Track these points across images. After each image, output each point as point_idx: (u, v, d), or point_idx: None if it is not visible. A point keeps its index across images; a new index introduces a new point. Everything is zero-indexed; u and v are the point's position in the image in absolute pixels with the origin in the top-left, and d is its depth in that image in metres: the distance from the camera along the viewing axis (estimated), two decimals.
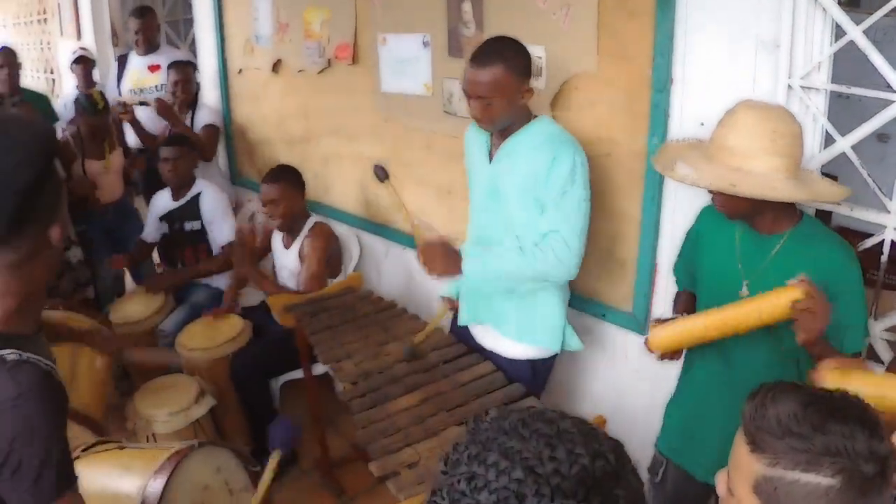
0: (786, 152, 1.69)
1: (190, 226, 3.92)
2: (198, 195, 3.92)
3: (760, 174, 1.68)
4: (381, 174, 2.64)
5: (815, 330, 1.60)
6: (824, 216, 2.25)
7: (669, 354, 1.95)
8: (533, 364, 2.52)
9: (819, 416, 1.07)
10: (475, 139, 2.50)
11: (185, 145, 3.93)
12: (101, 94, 4.25)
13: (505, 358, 2.54)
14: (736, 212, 1.77)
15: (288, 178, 3.45)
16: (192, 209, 3.92)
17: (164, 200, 4.02)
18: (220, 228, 3.91)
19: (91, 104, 4.10)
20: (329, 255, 3.49)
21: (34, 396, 1.34)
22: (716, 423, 1.98)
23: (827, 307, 1.59)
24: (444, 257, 2.36)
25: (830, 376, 1.69)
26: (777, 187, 1.65)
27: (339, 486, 3.42)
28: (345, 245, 3.85)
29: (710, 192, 1.81)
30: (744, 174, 1.68)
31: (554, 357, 2.58)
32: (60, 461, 1.37)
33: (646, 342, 1.90)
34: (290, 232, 3.53)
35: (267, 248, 3.76)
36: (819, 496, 1.04)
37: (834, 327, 1.70)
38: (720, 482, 1.22)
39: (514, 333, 2.50)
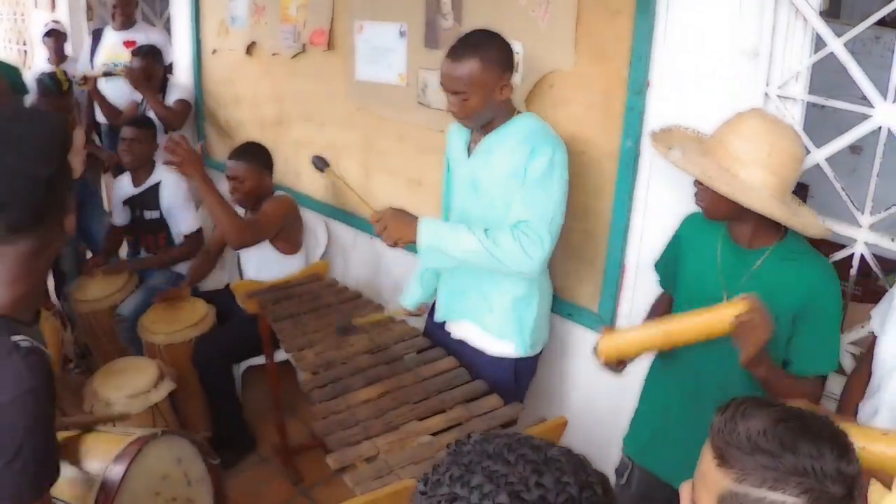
0: (778, 171, 1.67)
1: (149, 214, 3.86)
2: (157, 184, 3.85)
3: (747, 181, 1.67)
4: (320, 164, 2.57)
5: (755, 346, 1.60)
6: None
7: (614, 363, 1.92)
8: (516, 363, 2.48)
9: (789, 434, 1.06)
10: (456, 134, 2.47)
11: (146, 128, 3.86)
12: (65, 74, 4.16)
13: (488, 356, 2.49)
14: (715, 210, 1.76)
15: (255, 156, 3.40)
16: (151, 197, 3.85)
17: (125, 185, 3.95)
18: (180, 219, 3.85)
19: (55, 84, 4.02)
20: (284, 225, 3.40)
21: (47, 388, 1.36)
22: (682, 425, 1.98)
23: (768, 323, 1.59)
24: (400, 222, 2.30)
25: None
26: (753, 196, 1.64)
27: (298, 474, 3.40)
28: (312, 232, 3.81)
29: (695, 185, 1.79)
30: (730, 176, 1.67)
31: (537, 357, 2.55)
32: (50, 461, 1.39)
33: (593, 349, 1.89)
34: (254, 210, 3.47)
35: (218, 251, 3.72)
36: None
37: (806, 347, 1.71)
38: (684, 493, 1.21)
39: (497, 330, 2.45)
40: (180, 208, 3.84)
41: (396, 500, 1.89)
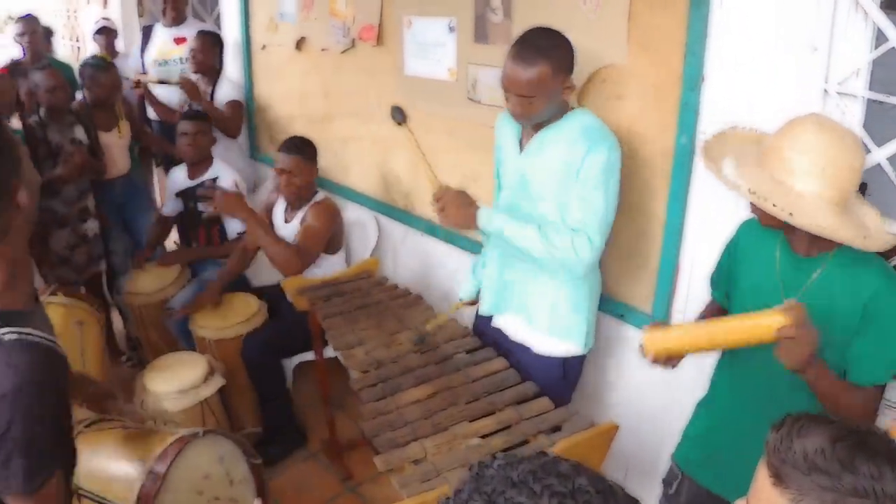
0: (835, 182, 1.59)
1: (204, 208, 3.87)
2: (215, 179, 3.86)
3: (803, 196, 1.59)
4: (399, 116, 2.56)
5: (797, 360, 1.56)
6: None
7: (663, 360, 1.86)
8: (564, 362, 2.45)
9: (848, 453, 1.01)
10: (506, 128, 2.43)
11: (204, 121, 3.89)
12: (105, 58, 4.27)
13: (535, 354, 2.46)
14: (770, 221, 1.69)
15: (306, 151, 3.40)
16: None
17: (180, 177, 3.98)
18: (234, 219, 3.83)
19: (98, 60, 4.16)
20: (332, 234, 3.43)
21: (34, 383, 1.32)
22: (743, 439, 1.89)
23: (812, 338, 1.54)
24: (460, 207, 2.30)
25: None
26: (805, 212, 1.57)
27: (346, 471, 3.42)
28: (362, 228, 3.81)
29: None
30: (783, 191, 1.60)
31: (584, 356, 2.51)
32: (47, 450, 1.36)
33: (640, 345, 1.82)
34: (294, 206, 3.48)
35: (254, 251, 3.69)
36: None
37: (864, 355, 1.64)
38: None
39: (545, 327, 2.42)
40: None
41: None
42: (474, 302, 2.72)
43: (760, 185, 1.62)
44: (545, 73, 2.10)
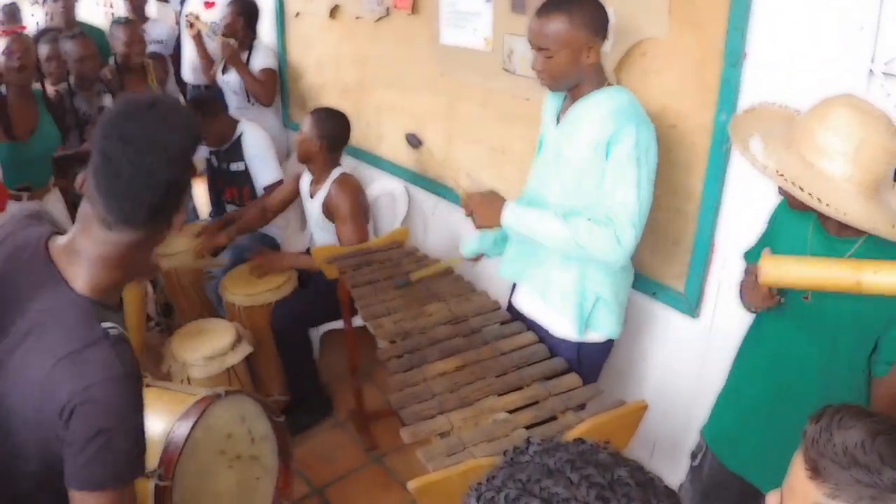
0: (866, 166, 1.54)
1: (235, 166, 3.88)
2: (240, 136, 3.87)
3: (833, 180, 1.54)
4: (414, 142, 2.57)
5: None
6: None
7: (766, 300, 1.77)
8: (579, 346, 2.40)
9: (889, 447, 0.99)
10: (550, 101, 2.40)
11: (212, 115, 3.80)
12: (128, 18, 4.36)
13: (554, 337, 2.43)
14: (796, 205, 1.64)
15: (320, 119, 3.37)
16: (236, 150, 3.88)
17: (202, 150, 3.98)
18: (262, 169, 3.85)
19: (119, 19, 4.24)
20: (361, 207, 3.43)
21: (133, 377, 1.39)
22: (764, 420, 1.90)
23: None
24: (487, 207, 2.30)
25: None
26: (851, 210, 1.52)
27: (372, 440, 3.44)
28: (393, 198, 3.80)
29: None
30: (815, 174, 1.55)
31: (609, 344, 2.47)
32: (132, 456, 1.39)
33: (751, 269, 1.75)
34: (315, 179, 3.47)
35: (295, 193, 3.70)
36: None
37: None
38: (771, 502, 1.15)
39: (564, 312, 2.37)
40: (262, 158, 3.85)
41: (468, 478, 1.85)
42: (475, 259, 2.72)
43: (789, 166, 1.57)
44: (563, 25, 2.09)
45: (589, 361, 2.45)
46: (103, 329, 1.36)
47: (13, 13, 5.36)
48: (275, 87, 4.54)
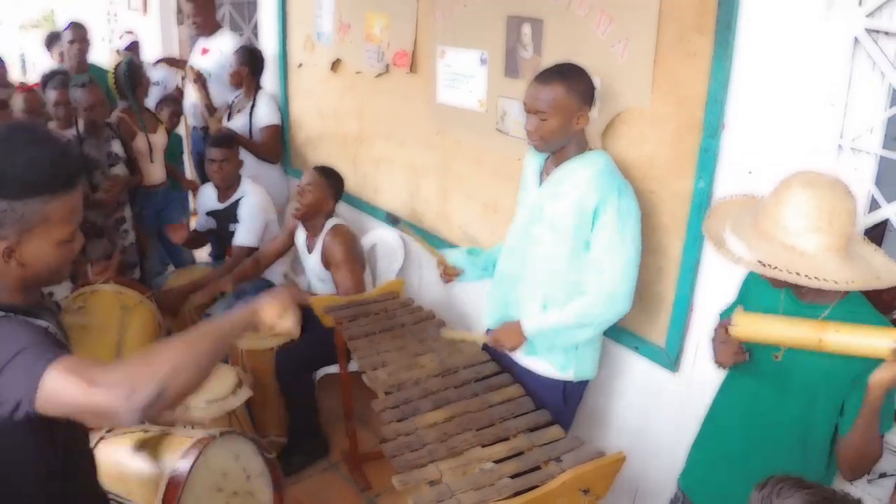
0: (840, 231, 1.66)
1: (233, 227, 4.01)
2: (240, 199, 3.99)
3: (815, 255, 1.66)
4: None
5: None
6: None
7: (741, 353, 1.91)
8: (565, 386, 2.58)
9: None
10: (532, 160, 2.57)
11: (230, 147, 3.98)
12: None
13: (538, 376, 2.59)
14: (780, 284, 1.75)
15: (329, 176, 3.52)
16: (234, 212, 4.00)
17: (210, 199, 4.12)
18: (242, 230, 3.94)
19: (130, 58, 4.38)
20: (356, 256, 3.56)
21: (9, 321, 1.47)
22: (738, 468, 2.00)
23: None
24: (508, 335, 2.57)
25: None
26: (833, 274, 1.63)
27: (366, 482, 3.51)
28: (389, 248, 3.91)
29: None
30: (799, 255, 1.66)
31: (586, 382, 2.64)
32: (48, 343, 1.46)
33: (724, 325, 1.85)
34: (311, 233, 3.60)
35: (288, 244, 3.84)
36: None
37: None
38: None
39: (547, 356, 2.55)
40: (245, 220, 3.94)
41: None
42: (451, 271, 2.82)
43: (771, 255, 1.68)
44: (560, 92, 2.27)
45: (572, 400, 2.64)
46: None
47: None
48: (278, 144, 4.64)
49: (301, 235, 3.68)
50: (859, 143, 2.01)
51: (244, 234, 3.93)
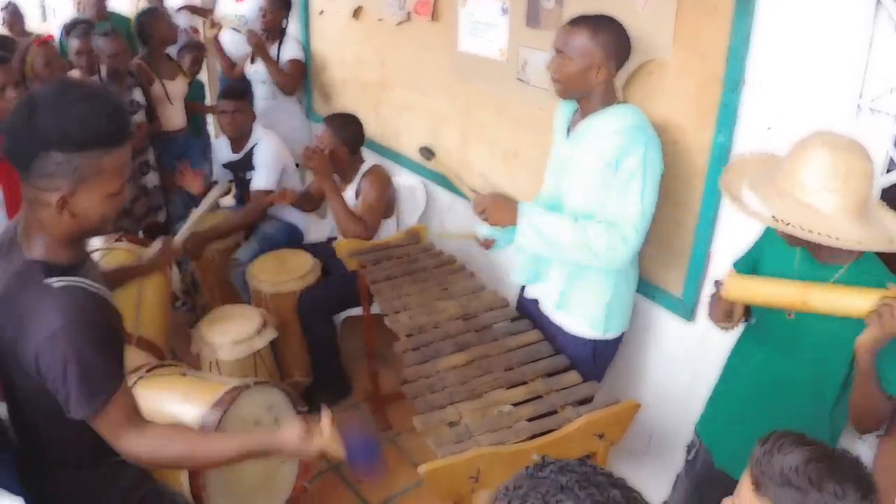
0: (857, 193, 1.69)
1: (250, 175, 4.06)
2: (255, 146, 4.04)
3: (830, 214, 1.69)
4: (427, 154, 2.71)
5: (885, 332, 1.64)
6: None
7: (728, 314, 2.01)
8: (595, 344, 2.61)
9: (818, 473, 1.17)
10: (561, 114, 2.59)
11: (242, 99, 4.02)
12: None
13: (566, 333, 2.62)
14: (796, 241, 1.78)
15: (338, 125, 3.57)
16: (250, 160, 4.05)
17: (224, 151, 4.17)
18: (259, 174, 3.98)
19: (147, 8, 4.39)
20: (387, 199, 3.63)
21: (81, 321, 1.55)
22: (745, 427, 2.06)
23: None
24: (500, 207, 2.47)
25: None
26: (846, 234, 1.66)
27: (386, 421, 3.64)
28: (411, 194, 3.96)
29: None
30: (814, 213, 1.69)
31: (617, 340, 2.67)
32: (108, 371, 1.60)
33: (718, 284, 1.94)
34: (344, 178, 3.66)
35: (322, 198, 3.88)
36: None
37: (886, 368, 1.75)
38: None
39: (578, 313, 2.58)
40: (262, 165, 3.98)
41: (473, 464, 2.06)
42: (484, 243, 2.84)
43: (787, 211, 1.71)
44: (584, 37, 2.30)
45: (603, 359, 2.67)
46: (44, 284, 1.55)
47: (15, 12, 5.42)
48: (300, 78, 4.71)
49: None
50: (878, 103, 2.02)
51: (262, 178, 3.98)
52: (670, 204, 2.58)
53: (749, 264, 2.12)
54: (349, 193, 3.61)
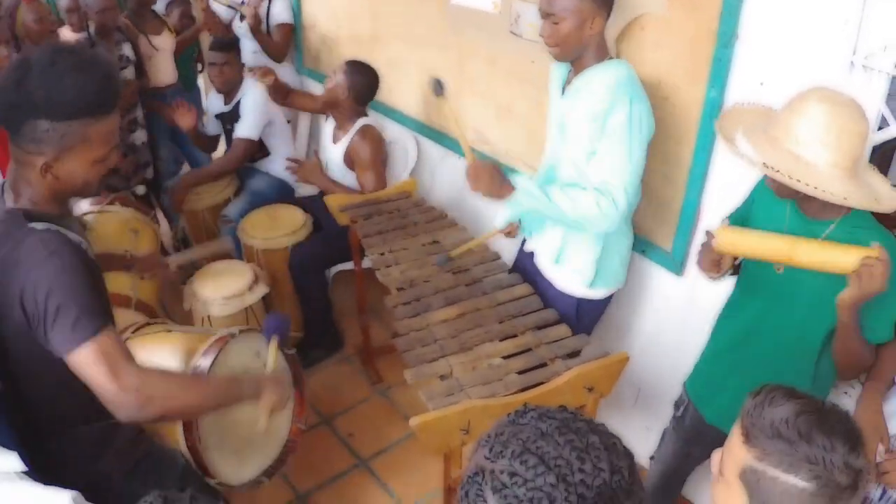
0: (849, 151, 1.70)
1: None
2: (241, 98, 4.00)
3: (820, 168, 1.70)
4: (438, 89, 2.65)
5: (865, 290, 1.67)
6: None
7: (717, 265, 2.04)
8: (579, 302, 2.62)
9: (807, 425, 1.19)
10: (556, 72, 2.56)
11: (230, 51, 3.97)
12: None
13: (555, 288, 2.64)
14: (784, 193, 1.80)
15: (353, 71, 3.54)
16: (237, 112, 4.02)
17: (217, 104, 4.14)
18: (244, 123, 3.95)
19: None
20: (382, 156, 3.62)
21: (63, 255, 1.57)
22: (738, 375, 2.11)
23: (886, 278, 1.66)
24: (492, 179, 2.43)
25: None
26: (832, 188, 1.67)
27: (377, 375, 3.69)
28: (402, 148, 3.95)
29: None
30: (804, 165, 1.70)
31: (606, 300, 2.68)
32: (94, 306, 1.59)
33: (710, 235, 1.96)
34: (339, 126, 3.64)
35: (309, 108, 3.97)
36: (793, 495, 1.18)
37: (869, 316, 1.79)
38: (714, 461, 1.36)
39: (571, 269, 2.58)
40: (247, 114, 3.94)
41: (464, 417, 2.09)
42: (509, 231, 2.84)
43: (776, 159, 1.72)
44: None
45: (587, 317, 2.68)
46: (28, 227, 1.57)
47: None
48: (289, 44, 4.63)
49: (329, 125, 3.72)
50: (872, 61, 2.01)
51: (244, 127, 3.95)
52: (661, 159, 2.58)
53: (740, 219, 2.14)
54: (340, 147, 3.59)
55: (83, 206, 3.31)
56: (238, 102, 3.99)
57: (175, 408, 1.69)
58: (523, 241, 2.85)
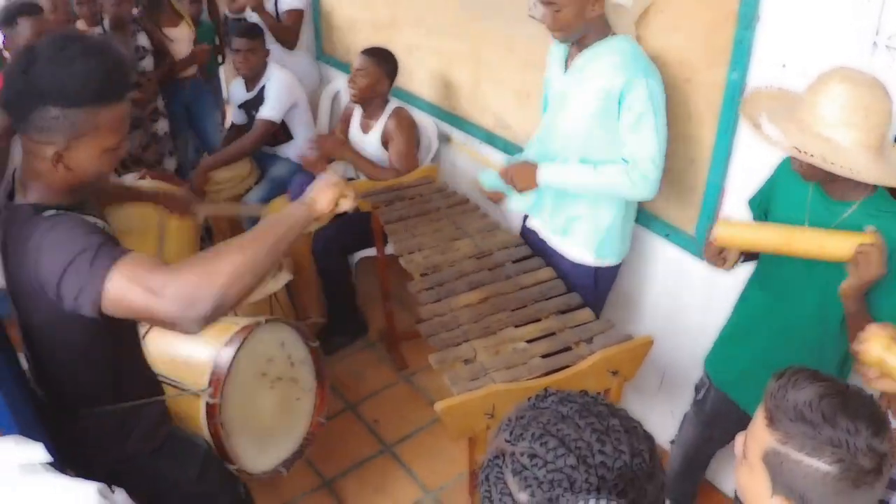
0: (875, 130, 1.69)
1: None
2: (267, 83, 4.01)
3: (850, 149, 1.69)
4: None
5: (864, 278, 1.69)
6: None
7: (721, 258, 2.05)
8: (596, 271, 2.68)
9: (831, 408, 1.19)
10: (556, 50, 2.59)
11: (255, 37, 3.97)
12: None
13: (569, 261, 2.69)
14: (812, 175, 1.80)
15: (379, 57, 3.55)
16: (262, 98, 4.01)
17: (239, 92, 4.14)
18: (268, 105, 3.94)
19: None
20: (416, 139, 3.64)
21: (67, 220, 1.55)
22: (763, 354, 2.11)
23: (884, 260, 1.66)
24: (523, 173, 2.55)
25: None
26: (866, 168, 1.67)
27: (402, 360, 3.70)
28: (423, 134, 3.95)
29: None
30: (834, 146, 1.70)
31: (617, 267, 2.73)
32: (105, 244, 1.52)
33: (710, 232, 1.97)
34: (368, 115, 3.65)
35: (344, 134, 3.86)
36: (816, 479, 1.18)
37: (884, 303, 1.78)
38: (738, 442, 1.36)
39: (582, 240, 2.64)
40: (271, 97, 3.94)
41: (488, 401, 2.11)
42: (491, 196, 2.87)
43: (807, 143, 1.72)
44: None
45: (604, 284, 2.74)
46: (39, 216, 1.56)
47: None
48: (298, 31, 4.58)
49: (357, 116, 3.73)
50: (895, 41, 2.00)
51: (268, 109, 3.94)
52: (683, 141, 2.58)
53: (762, 202, 2.14)
54: (374, 133, 3.61)
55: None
56: (262, 88, 3.99)
57: (227, 285, 1.47)
58: (525, 218, 2.89)
